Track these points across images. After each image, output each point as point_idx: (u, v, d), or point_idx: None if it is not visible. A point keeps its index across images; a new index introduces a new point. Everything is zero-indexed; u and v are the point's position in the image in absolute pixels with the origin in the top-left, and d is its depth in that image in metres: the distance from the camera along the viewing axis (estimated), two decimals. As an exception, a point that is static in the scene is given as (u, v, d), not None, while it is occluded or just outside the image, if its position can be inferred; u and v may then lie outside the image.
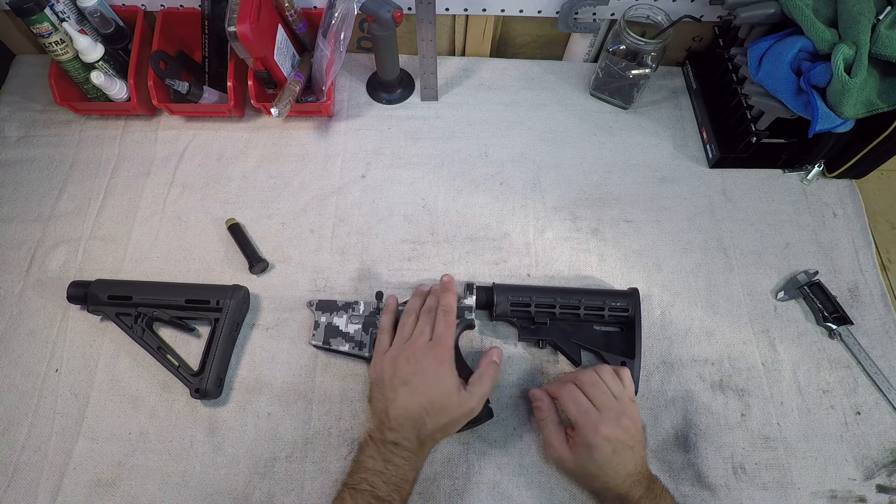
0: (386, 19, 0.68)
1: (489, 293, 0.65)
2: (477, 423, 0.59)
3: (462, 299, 0.64)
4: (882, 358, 0.66)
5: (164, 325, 0.66)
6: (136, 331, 0.64)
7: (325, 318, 0.64)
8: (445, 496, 0.59)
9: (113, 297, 0.64)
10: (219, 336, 0.63)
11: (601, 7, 0.76)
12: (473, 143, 0.80)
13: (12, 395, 0.63)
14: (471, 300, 0.64)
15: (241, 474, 0.60)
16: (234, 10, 0.63)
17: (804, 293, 0.69)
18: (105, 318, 0.65)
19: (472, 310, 0.64)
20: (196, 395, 0.61)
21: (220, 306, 0.64)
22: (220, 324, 0.63)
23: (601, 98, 0.84)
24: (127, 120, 0.81)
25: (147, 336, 0.64)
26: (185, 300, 0.64)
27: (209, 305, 0.64)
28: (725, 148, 0.76)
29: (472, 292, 0.64)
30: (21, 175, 0.77)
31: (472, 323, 0.64)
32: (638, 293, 0.65)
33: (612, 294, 0.66)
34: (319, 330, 0.64)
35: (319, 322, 0.64)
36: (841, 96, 0.59)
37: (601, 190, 0.77)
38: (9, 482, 0.59)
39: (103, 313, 0.65)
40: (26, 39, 0.85)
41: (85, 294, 0.65)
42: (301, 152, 0.79)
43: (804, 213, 0.75)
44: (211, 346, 0.63)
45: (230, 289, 0.65)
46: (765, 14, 0.67)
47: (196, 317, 0.65)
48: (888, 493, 0.60)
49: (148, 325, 0.64)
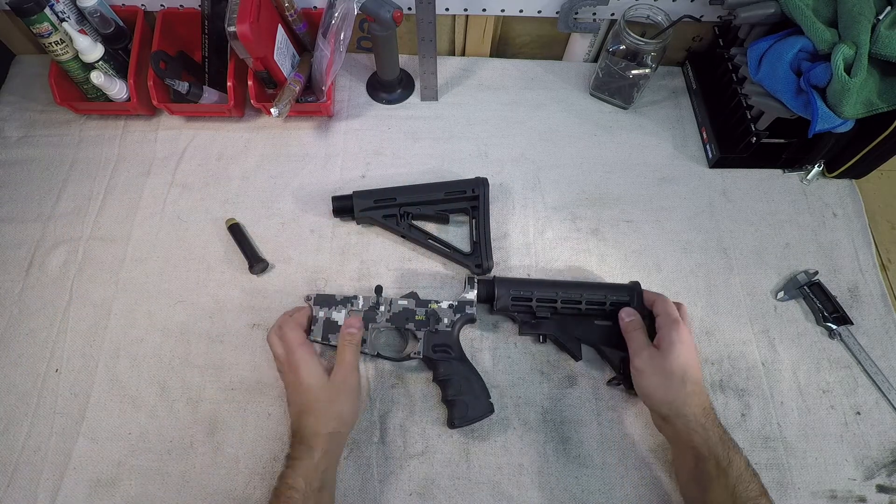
0: (386, 19, 0.68)
1: (490, 286, 0.64)
2: (478, 417, 0.59)
3: (463, 293, 0.64)
4: (882, 358, 0.66)
5: (420, 220, 0.72)
6: (403, 226, 0.70)
7: (324, 313, 0.62)
8: (445, 496, 0.59)
9: (379, 200, 0.70)
10: (481, 219, 0.69)
11: (601, 7, 0.76)
12: (473, 143, 0.80)
13: (12, 395, 0.63)
14: (472, 294, 0.63)
15: (241, 474, 0.60)
16: (234, 10, 0.63)
17: (804, 293, 0.69)
18: (368, 225, 0.72)
19: (473, 304, 0.63)
20: (478, 272, 0.68)
21: (476, 194, 0.70)
22: (479, 209, 0.70)
23: (601, 98, 0.84)
24: (127, 120, 0.81)
25: (413, 231, 0.70)
26: (445, 193, 0.71)
27: (466, 195, 0.70)
28: (725, 148, 0.76)
29: (472, 286, 0.64)
30: (21, 175, 0.77)
31: (473, 317, 0.63)
32: (639, 286, 0.65)
33: (613, 287, 0.65)
34: (318, 325, 0.62)
35: (318, 317, 0.62)
36: (841, 96, 0.59)
37: (601, 190, 0.77)
38: (9, 482, 0.59)
39: (370, 218, 0.70)
40: (26, 39, 0.85)
41: (351, 206, 0.70)
42: (301, 152, 0.79)
43: (804, 213, 0.75)
44: (477, 228, 0.70)
45: (478, 180, 0.71)
46: (765, 14, 0.67)
47: (453, 208, 0.72)
48: (888, 493, 0.60)
49: (411, 221, 0.71)
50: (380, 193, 0.71)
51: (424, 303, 0.63)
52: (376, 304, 0.63)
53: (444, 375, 0.60)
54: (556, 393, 0.64)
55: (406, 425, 0.62)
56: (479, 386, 0.60)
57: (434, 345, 0.62)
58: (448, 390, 0.60)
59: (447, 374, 0.60)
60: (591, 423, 0.63)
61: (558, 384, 0.65)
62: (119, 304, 0.68)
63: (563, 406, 0.63)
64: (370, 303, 0.63)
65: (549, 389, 0.64)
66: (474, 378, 0.61)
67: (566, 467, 0.61)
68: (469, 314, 0.63)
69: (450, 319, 0.63)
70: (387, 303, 0.63)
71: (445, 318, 0.63)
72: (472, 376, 0.61)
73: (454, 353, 0.61)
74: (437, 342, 0.62)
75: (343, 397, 0.55)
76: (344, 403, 0.55)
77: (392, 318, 0.63)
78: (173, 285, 0.70)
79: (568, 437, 0.62)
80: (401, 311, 0.63)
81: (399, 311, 0.63)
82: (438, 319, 0.63)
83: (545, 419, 0.63)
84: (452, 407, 0.60)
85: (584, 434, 0.62)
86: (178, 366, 0.65)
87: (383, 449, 0.61)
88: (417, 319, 0.63)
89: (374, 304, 0.63)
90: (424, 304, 0.63)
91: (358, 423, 0.62)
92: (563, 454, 0.61)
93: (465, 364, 0.62)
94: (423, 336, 0.62)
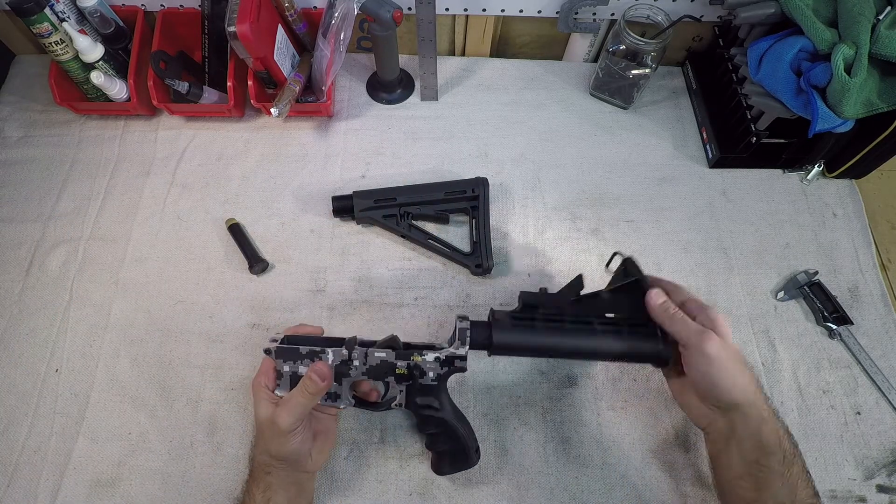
0: (386, 19, 0.68)
1: (486, 332, 0.54)
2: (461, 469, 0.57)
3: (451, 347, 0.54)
4: (882, 358, 0.66)
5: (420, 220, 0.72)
6: (403, 226, 0.70)
7: (289, 368, 0.54)
8: (445, 496, 0.59)
9: (379, 200, 0.70)
10: (481, 219, 0.69)
11: (601, 7, 0.76)
12: (473, 143, 0.80)
13: (12, 395, 0.63)
14: (463, 350, 0.53)
15: (241, 474, 0.59)
16: (234, 10, 0.63)
17: (804, 293, 0.69)
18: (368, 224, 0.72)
19: (464, 359, 0.54)
20: (478, 272, 0.68)
21: (476, 194, 0.70)
22: (479, 209, 0.70)
23: (601, 98, 0.84)
24: (127, 120, 0.81)
25: (413, 231, 0.70)
26: (445, 192, 0.71)
27: (466, 195, 0.71)
28: (725, 148, 0.76)
29: (464, 342, 0.53)
30: (21, 175, 0.77)
31: (463, 369, 0.54)
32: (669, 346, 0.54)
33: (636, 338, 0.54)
34: (284, 380, 0.54)
35: (283, 372, 0.54)
36: (841, 96, 0.59)
37: (601, 190, 0.77)
38: (9, 482, 0.59)
39: (370, 218, 0.70)
40: (26, 39, 0.85)
41: (351, 206, 0.70)
42: (301, 152, 0.79)
43: (804, 213, 0.75)
44: (477, 228, 0.70)
45: (478, 180, 0.72)
46: (765, 14, 0.67)
47: (454, 208, 0.72)
48: (888, 493, 0.60)
49: (411, 221, 0.71)
50: (380, 193, 0.71)
51: (406, 354, 0.54)
52: (349, 358, 0.54)
53: (427, 430, 0.56)
54: (556, 393, 0.64)
55: (406, 425, 0.62)
56: (465, 438, 0.55)
57: (417, 400, 0.55)
58: (430, 443, 0.57)
59: (430, 430, 0.56)
60: (591, 423, 0.63)
61: (558, 384, 0.65)
62: (119, 304, 0.68)
63: (563, 406, 0.63)
64: (341, 357, 0.54)
65: (549, 389, 0.64)
66: (460, 430, 0.55)
67: (566, 467, 0.61)
68: (459, 367, 0.54)
69: (436, 373, 0.54)
70: (361, 355, 0.54)
71: (431, 373, 0.54)
72: (458, 430, 0.55)
73: (439, 409, 0.55)
74: (420, 398, 0.54)
75: (267, 435, 0.53)
76: (270, 441, 0.52)
77: (368, 372, 0.54)
78: (173, 285, 0.70)
79: (568, 437, 0.62)
80: (378, 363, 0.54)
81: (376, 363, 0.54)
82: (423, 373, 0.54)
83: (545, 419, 0.63)
84: (437, 456, 0.57)
85: (584, 434, 0.62)
86: (178, 366, 0.65)
87: (383, 449, 0.61)
88: (398, 374, 0.54)
89: (346, 359, 0.54)
90: (406, 356, 0.54)
91: (361, 427, 0.62)
92: (563, 454, 0.61)
93: (452, 417, 0.55)
94: (403, 390, 0.55)
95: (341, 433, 0.61)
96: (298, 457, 0.53)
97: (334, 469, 0.60)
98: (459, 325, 0.54)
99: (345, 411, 0.62)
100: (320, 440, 0.56)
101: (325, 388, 0.52)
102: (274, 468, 0.53)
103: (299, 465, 0.54)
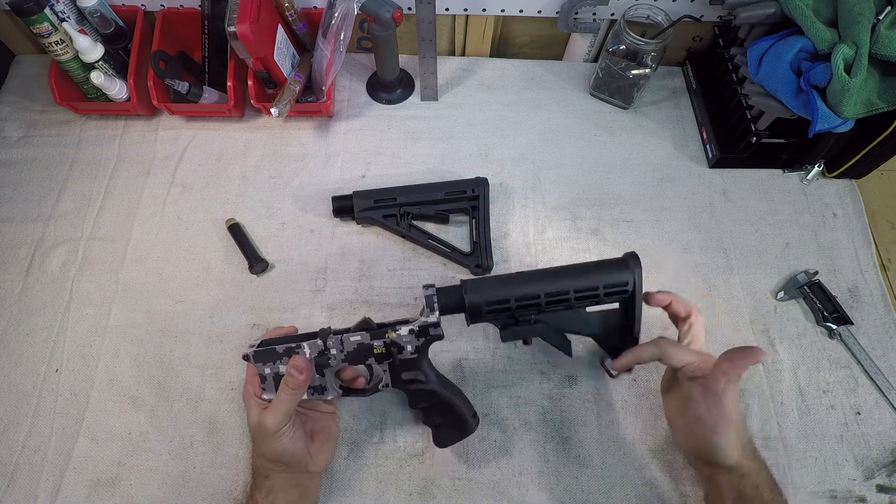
0: (386, 19, 0.68)
1: (457, 295, 0.53)
2: (462, 437, 0.58)
3: (423, 316, 0.54)
4: (882, 358, 0.66)
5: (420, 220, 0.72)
6: (403, 226, 0.70)
7: (270, 370, 0.54)
8: (445, 496, 0.59)
9: (379, 200, 0.70)
10: (481, 219, 0.70)
11: (601, 7, 0.76)
12: (473, 143, 0.80)
13: (12, 395, 0.63)
14: (433, 316, 0.53)
15: (241, 474, 0.60)
16: (234, 10, 0.63)
17: (804, 293, 0.69)
18: (368, 224, 0.73)
19: (437, 325, 0.53)
20: (478, 272, 0.68)
21: (476, 194, 0.71)
22: (479, 209, 0.71)
23: (601, 98, 0.84)
24: (127, 120, 0.81)
25: (413, 231, 0.70)
26: (445, 192, 0.71)
27: (466, 195, 0.71)
28: (725, 148, 0.76)
29: (432, 308, 0.53)
30: (21, 175, 0.77)
31: (440, 336, 0.54)
32: (638, 261, 0.54)
33: (606, 269, 0.54)
34: (268, 383, 0.55)
35: (265, 374, 0.55)
36: (841, 96, 0.59)
37: (601, 190, 0.77)
38: (9, 482, 0.59)
39: (370, 218, 0.70)
40: (26, 39, 0.85)
41: (351, 206, 0.70)
42: (301, 152, 0.79)
43: (804, 213, 0.75)
44: (477, 228, 0.70)
45: (478, 180, 0.72)
46: (765, 14, 0.67)
47: (453, 208, 0.72)
48: (888, 493, 0.60)
49: (411, 221, 0.71)
50: (380, 193, 0.71)
51: (381, 333, 0.54)
52: (325, 348, 0.54)
53: (418, 405, 0.57)
54: (556, 393, 0.64)
55: (406, 425, 0.62)
56: (459, 405, 0.56)
57: (402, 377, 0.55)
58: (426, 418, 0.58)
59: (421, 404, 0.56)
60: (591, 423, 0.63)
61: (558, 384, 0.65)
62: (119, 304, 0.68)
63: (563, 406, 0.63)
64: (318, 349, 0.54)
65: (549, 389, 0.64)
66: (453, 399, 0.56)
67: (566, 467, 0.61)
68: (434, 335, 0.54)
69: (413, 346, 0.54)
70: (337, 343, 0.54)
71: (409, 346, 0.54)
72: (450, 399, 0.56)
73: (425, 381, 0.55)
74: (405, 373, 0.55)
75: (258, 438, 0.53)
76: (262, 445, 0.53)
77: (348, 358, 0.54)
78: (173, 285, 0.70)
79: (568, 437, 0.62)
80: (355, 348, 0.54)
81: (353, 348, 0.54)
82: (401, 348, 0.54)
83: (545, 419, 0.63)
84: (435, 429, 0.58)
85: (584, 434, 0.62)
86: (178, 366, 0.65)
87: (383, 449, 0.61)
88: (377, 353, 0.54)
89: (323, 349, 0.54)
90: (381, 334, 0.54)
91: (361, 427, 0.62)
92: (563, 454, 0.61)
93: (440, 387, 0.56)
94: (386, 369, 0.55)
95: (341, 433, 0.61)
96: (293, 457, 0.53)
97: (334, 469, 0.60)
98: (425, 293, 0.54)
99: (344, 411, 0.62)
100: (319, 439, 0.56)
101: (305, 381, 0.52)
102: (272, 471, 0.53)
103: (298, 467, 0.54)
